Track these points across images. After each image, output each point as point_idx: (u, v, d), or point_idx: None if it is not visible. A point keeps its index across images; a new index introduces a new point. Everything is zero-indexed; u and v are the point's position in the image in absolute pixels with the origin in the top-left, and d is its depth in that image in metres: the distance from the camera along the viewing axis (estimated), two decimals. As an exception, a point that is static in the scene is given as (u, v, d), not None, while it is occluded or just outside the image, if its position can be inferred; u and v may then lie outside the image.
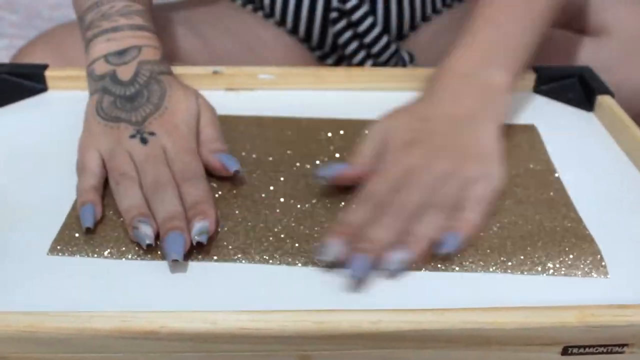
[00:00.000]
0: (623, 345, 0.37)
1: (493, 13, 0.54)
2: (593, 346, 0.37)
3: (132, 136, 0.48)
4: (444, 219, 0.43)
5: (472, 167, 0.46)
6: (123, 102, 0.50)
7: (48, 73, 0.60)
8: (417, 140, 0.48)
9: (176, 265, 0.41)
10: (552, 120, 0.58)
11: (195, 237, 0.41)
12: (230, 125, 0.55)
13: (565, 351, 0.37)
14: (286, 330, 0.35)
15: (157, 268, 0.41)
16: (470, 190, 0.45)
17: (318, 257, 0.41)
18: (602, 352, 0.37)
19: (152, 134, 0.48)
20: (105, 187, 0.47)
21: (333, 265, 0.41)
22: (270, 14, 0.75)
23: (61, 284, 0.39)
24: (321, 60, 0.77)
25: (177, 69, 0.61)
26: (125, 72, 0.52)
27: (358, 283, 0.40)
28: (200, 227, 0.41)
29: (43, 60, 0.63)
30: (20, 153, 0.52)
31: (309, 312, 0.36)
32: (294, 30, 0.75)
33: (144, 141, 0.47)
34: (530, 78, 0.61)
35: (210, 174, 0.48)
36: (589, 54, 0.67)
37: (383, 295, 0.39)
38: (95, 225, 0.43)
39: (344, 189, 0.47)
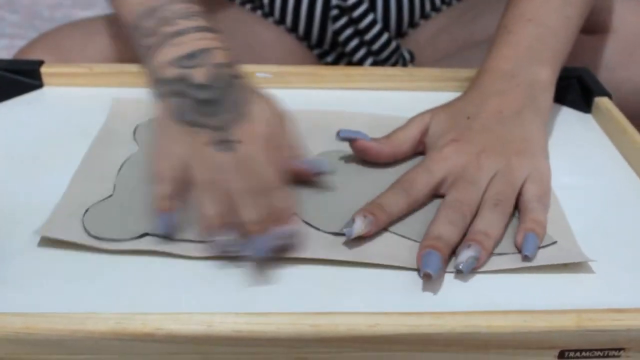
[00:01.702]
0: (620, 350, 0.37)
1: (531, 8, 0.54)
2: (590, 350, 0.37)
3: (216, 143, 0.44)
4: (504, 216, 0.44)
5: (520, 163, 0.47)
6: (202, 105, 0.46)
7: (43, 69, 0.59)
8: (463, 137, 0.48)
9: None
10: (550, 122, 0.57)
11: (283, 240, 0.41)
12: None
13: (562, 355, 0.37)
14: (283, 332, 0.35)
15: (152, 268, 0.40)
16: (526, 189, 0.46)
17: (344, 230, 0.42)
18: (599, 356, 0.37)
19: (236, 141, 0.44)
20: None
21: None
22: (269, 13, 0.75)
23: (56, 285, 0.39)
24: (321, 59, 0.77)
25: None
26: (199, 76, 0.48)
27: (430, 280, 0.40)
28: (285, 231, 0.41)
29: (42, 61, 0.63)
30: (15, 150, 0.51)
31: (305, 315, 0.36)
32: (293, 29, 0.75)
33: (229, 149, 0.44)
34: (528, 79, 0.61)
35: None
36: (590, 53, 0.67)
37: (380, 298, 0.39)
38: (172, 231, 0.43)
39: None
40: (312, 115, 0.55)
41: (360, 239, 0.43)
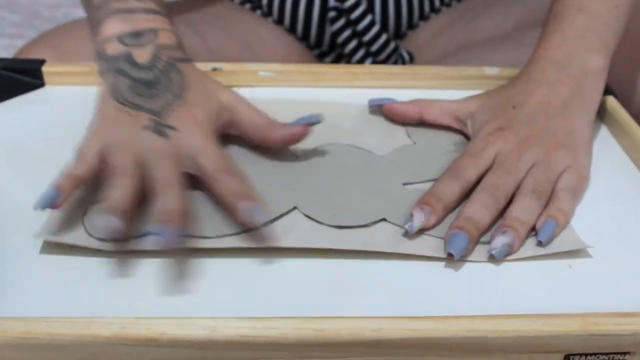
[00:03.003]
0: (625, 354, 0.37)
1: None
2: (595, 354, 0.37)
3: (147, 127, 0.44)
4: (540, 206, 0.44)
5: (561, 155, 0.47)
6: (141, 86, 0.46)
7: (45, 68, 0.59)
8: (509, 126, 0.48)
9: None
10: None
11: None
12: None
13: (566, 359, 0.37)
14: (287, 337, 0.35)
15: (156, 273, 0.40)
16: (561, 179, 0.46)
17: (405, 225, 0.42)
18: (604, 360, 0.37)
19: (171, 127, 0.44)
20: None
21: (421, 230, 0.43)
22: (268, 13, 0.75)
23: (58, 289, 0.39)
24: (320, 59, 0.77)
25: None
26: (142, 55, 0.48)
27: (456, 261, 0.41)
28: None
29: (42, 60, 0.62)
30: (16, 150, 0.51)
31: (309, 319, 0.36)
32: (292, 29, 0.74)
33: (161, 134, 0.44)
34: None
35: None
36: None
37: (384, 302, 0.39)
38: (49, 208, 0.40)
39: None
40: (303, 106, 0.55)
41: (370, 231, 0.43)
